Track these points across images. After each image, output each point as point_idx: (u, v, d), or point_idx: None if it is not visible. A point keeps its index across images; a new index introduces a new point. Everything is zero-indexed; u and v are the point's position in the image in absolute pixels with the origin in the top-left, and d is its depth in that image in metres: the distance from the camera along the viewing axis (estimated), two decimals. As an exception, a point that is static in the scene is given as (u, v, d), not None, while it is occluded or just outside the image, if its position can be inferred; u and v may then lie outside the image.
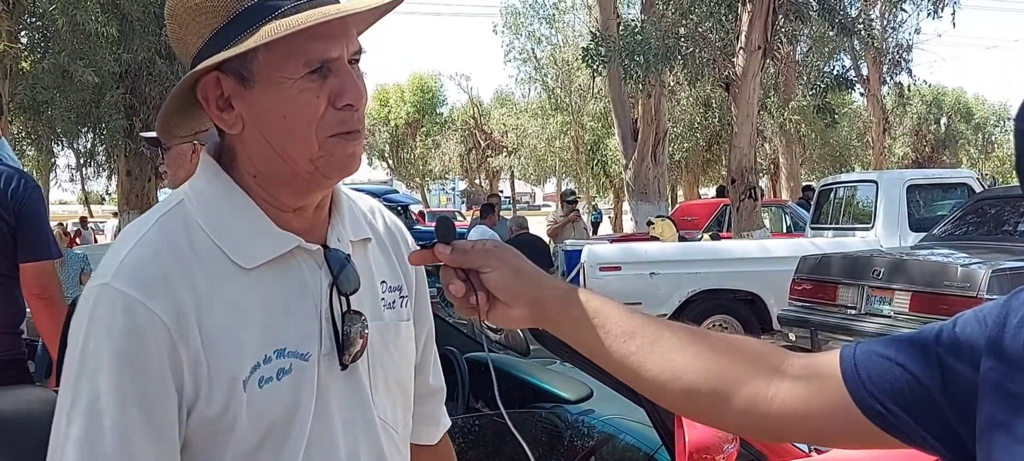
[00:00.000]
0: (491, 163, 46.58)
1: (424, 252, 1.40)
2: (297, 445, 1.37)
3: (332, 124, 1.36)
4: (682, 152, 31.62)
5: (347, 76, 1.37)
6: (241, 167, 1.42)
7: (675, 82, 21.23)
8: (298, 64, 1.33)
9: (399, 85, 52.26)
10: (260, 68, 1.34)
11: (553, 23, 36.45)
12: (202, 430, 1.34)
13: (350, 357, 1.42)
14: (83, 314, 1.32)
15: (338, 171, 1.40)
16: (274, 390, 1.35)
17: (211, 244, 1.36)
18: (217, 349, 1.32)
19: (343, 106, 1.37)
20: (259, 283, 1.37)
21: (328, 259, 1.44)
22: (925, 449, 1.13)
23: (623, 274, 10.51)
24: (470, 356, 3.64)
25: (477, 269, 1.35)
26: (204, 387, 1.31)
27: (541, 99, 38.60)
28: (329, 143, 1.36)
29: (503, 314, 1.36)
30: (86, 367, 1.28)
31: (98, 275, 1.34)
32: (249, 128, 1.38)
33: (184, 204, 1.40)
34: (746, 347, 1.27)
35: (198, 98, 1.39)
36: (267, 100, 1.35)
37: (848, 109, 35.99)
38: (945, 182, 12.92)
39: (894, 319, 7.90)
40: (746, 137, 14.58)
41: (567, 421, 3.41)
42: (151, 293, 1.29)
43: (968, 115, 48.43)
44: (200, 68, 1.34)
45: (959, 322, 1.12)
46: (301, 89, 1.34)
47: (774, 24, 14.35)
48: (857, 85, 29.08)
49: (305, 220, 1.45)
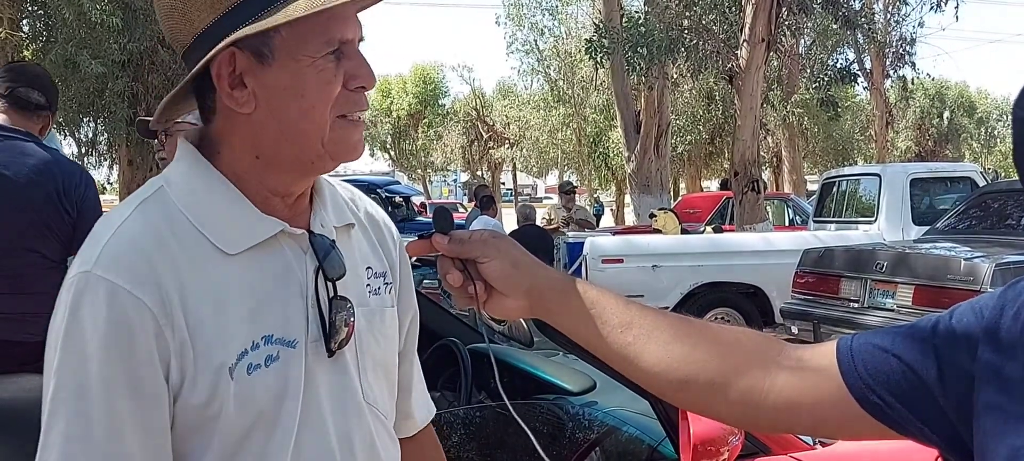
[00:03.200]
0: (493, 155, 46.56)
1: (422, 242, 1.40)
2: (287, 433, 1.36)
3: (343, 104, 1.36)
4: (685, 145, 31.58)
5: (360, 58, 1.37)
6: (238, 152, 1.40)
7: (678, 74, 21.20)
8: (320, 43, 1.33)
9: (401, 76, 52.21)
10: (281, 45, 1.33)
11: (556, 15, 36.44)
12: (188, 418, 1.32)
13: (337, 344, 1.41)
14: (65, 303, 1.30)
15: (346, 154, 1.39)
16: (262, 377, 1.34)
17: (193, 230, 1.34)
18: (202, 336, 1.30)
19: (356, 88, 1.37)
20: (243, 269, 1.36)
21: (313, 244, 1.42)
22: (921, 440, 1.13)
23: (625, 266, 10.50)
24: (473, 347, 3.63)
25: (474, 259, 1.35)
26: (189, 374, 1.30)
27: (543, 91, 38.57)
28: (338, 124, 1.36)
29: (500, 304, 1.36)
30: (70, 357, 1.27)
31: (78, 263, 1.32)
32: (262, 107, 1.35)
33: (164, 190, 1.38)
34: (743, 338, 1.27)
35: (211, 75, 1.35)
36: (284, 78, 1.33)
37: (851, 102, 35.95)
38: (949, 176, 12.91)
39: (897, 312, 7.89)
40: (749, 130, 14.55)
41: (570, 413, 3.40)
42: (135, 279, 1.27)
43: (971, 109, 48.39)
44: (231, 40, 1.30)
45: (956, 314, 1.12)
46: (319, 68, 1.33)
47: (778, 17, 14.31)
48: (860, 79, 29.03)
49: (288, 207, 1.43)
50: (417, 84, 51.08)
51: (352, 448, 1.44)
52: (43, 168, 3.74)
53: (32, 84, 3.93)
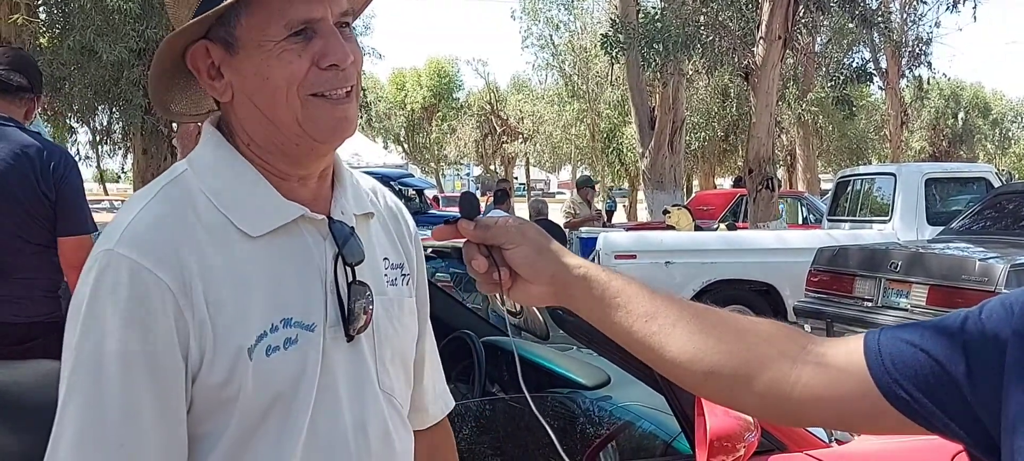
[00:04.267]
0: (506, 149, 46.52)
1: (447, 227, 1.40)
2: (301, 415, 1.37)
3: (314, 83, 1.37)
4: (699, 141, 31.51)
5: (332, 36, 1.37)
6: (238, 137, 1.43)
7: (693, 71, 21.14)
8: (279, 26, 1.34)
9: (416, 69, 52.24)
10: (243, 33, 1.36)
11: (571, 9, 36.41)
12: (206, 398, 1.33)
13: (355, 329, 1.42)
14: (87, 280, 1.31)
15: (328, 134, 1.40)
16: (281, 359, 1.35)
17: (216, 212, 1.36)
18: (222, 316, 1.32)
19: (327, 66, 1.37)
20: (264, 251, 1.37)
21: (333, 230, 1.43)
22: (948, 436, 1.12)
23: (638, 262, 10.47)
24: (487, 340, 3.63)
25: (500, 245, 1.35)
26: (208, 354, 1.31)
27: (558, 86, 38.54)
28: (311, 103, 1.37)
29: (524, 291, 1.36)
30: (89, 333, 1.28)
31: (102, 242, 1.33)
32: (238, 95, 1.39)
33: (187, 173, 1.41)
34: (769, 330, 1.26)
35: (190, 70, 1.41)
36: (251, 64, 1.36)
37: (866, 102, 35.83)
38: (964, 176, 12.86)
39: (911, 312, 7.85)
40: (764, 127, 14.50)
41: (584, 407, 3.39)
42: (156, 259, 1.29)
43: (986, 110, 48.25)
44: (176, 33, 1.36)
45: (986, 309, 1.11)
46: (282, 50, 1.35)
47: (795, 14, 14.25)
48: (876, 78, 28.92)
49: (309, 190, 1.45)
50: (432, 77, 51.08)
51: (366, 434, 1.44)
52: (20, 152, 3.75)
53: (13, 66, 3.94)
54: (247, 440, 1.35)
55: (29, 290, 3.78)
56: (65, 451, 1.27)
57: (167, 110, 1.52)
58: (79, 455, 1.27)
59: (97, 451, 1.27)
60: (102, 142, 22.29)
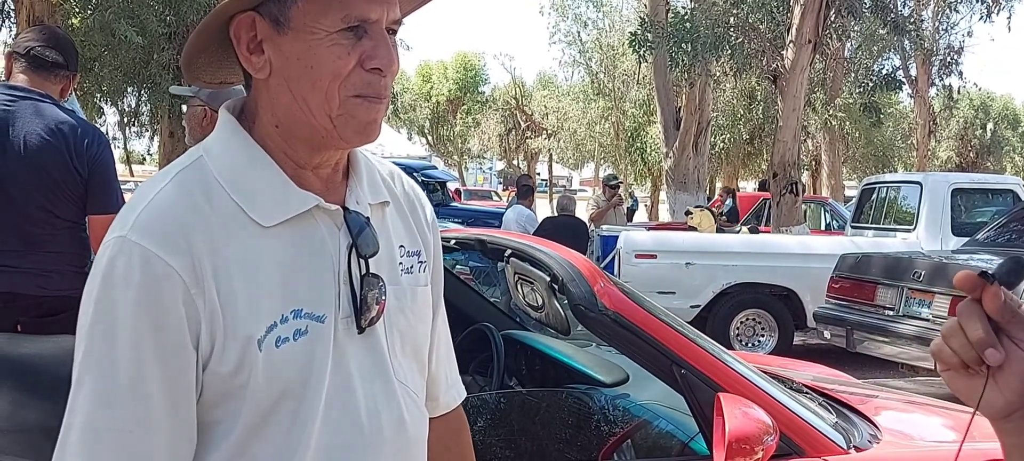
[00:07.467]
0: (530, 145, 46.48)
1: (975, 281, 1.09)
2: (313, 405, 1.37)
3: (357, 84, 1.36)
4: (723, 143, 31.38)
5: (382, 40, 1.37)
6: (263, 119, 1.42)
7: (721, 72, 21.06)
8: (336, 18, 1.34)
9: (442, 62, 52.20)
10: (297, 15, 1.35)
11: (600, 7, 36.32)
12: (216, 386, 1.34)
13: (367, 321, 1.42)
14: (100, 266, 1.32)
15: (356, 135, 1.40)
16: (290, 351, 1.35)
17: (229, 200, 1.36)
18: (233, 305, 1.32)
19: (372, 69, 1.36)
20: (277, 241, 1.37)
21: (347, 221, 1.43)
22: None
23: (658, 262, 10.44)
24: (507, 333, 3.63)
25: (1014, 334, 1.09)
26: (219, 343, 1.32)
27: (584, 83, 38.45)
28: (350, 103, 1.37)
29: (1005, 384, 1.10)
30: (101, 319, 1.29)
31: (115, 228, 1.34)
32: (275, 75, 1.38)
33: (203, 160, 1.40)
34: None
35: (230, 37, 1.39)
36: (297, 48, 1.35)
37: (894, 109, 35.60)
38: (990, 188, 12.79)
39: (932, 322, 7.81)
40: (791, 131, 14.45)
41: (601, 404, 3.39)
42: (168, 246, 1.29)
43: (1015, 122, 47.77)
44: (236, 2, 1.35)
45: None
46: (333, 43, 1.34)
47: (826, 18, 14.20)
48: (905, 85, 28.73)
49: (323, 180, 1.45)
50: (458, 70, 51.04)
51: (380, 424, 1.44)
52: (55, 128, 3.80)
53: (49, 43, 3.98)
54: (259, 428, 1.36)
55: (57, 264, 3.84)
56: (77, 433, 1.29)
57: (190, 69, 1.51)
58: (90, 437, 1.28)
59: (108, 434, 1.28)
60: (130, 124, 22.40)
